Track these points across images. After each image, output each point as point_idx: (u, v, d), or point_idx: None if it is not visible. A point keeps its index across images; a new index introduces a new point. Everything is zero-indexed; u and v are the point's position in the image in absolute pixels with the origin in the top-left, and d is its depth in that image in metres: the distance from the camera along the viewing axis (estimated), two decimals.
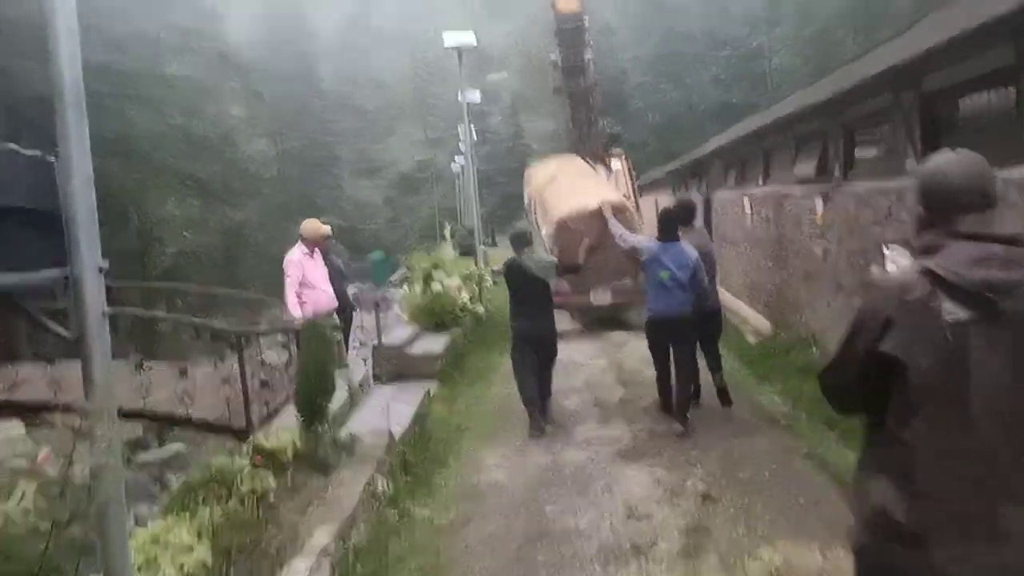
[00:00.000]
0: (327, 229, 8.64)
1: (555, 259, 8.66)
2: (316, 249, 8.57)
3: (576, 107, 17.75)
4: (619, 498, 5.64)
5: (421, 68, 77.13)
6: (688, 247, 7.43)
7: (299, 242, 8.49)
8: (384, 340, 10.29)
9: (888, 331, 2.08)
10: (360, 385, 7.44)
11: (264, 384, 8.06)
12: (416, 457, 6.42)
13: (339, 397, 5.59)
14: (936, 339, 2.02)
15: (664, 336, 7.53)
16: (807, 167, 10.67)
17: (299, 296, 8.27)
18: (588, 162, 16.11)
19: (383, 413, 6.33)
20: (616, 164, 18.23)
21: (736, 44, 56.96)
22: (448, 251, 14.32)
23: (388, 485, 5.28)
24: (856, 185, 8.59)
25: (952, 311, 2.01)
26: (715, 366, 8.21)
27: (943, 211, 2.13)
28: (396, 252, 56.97)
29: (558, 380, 10.12)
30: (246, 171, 43.40)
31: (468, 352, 12.22)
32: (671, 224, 7.58)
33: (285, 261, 8.35)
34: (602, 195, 12.80)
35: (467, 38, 16.00)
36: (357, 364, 9.09)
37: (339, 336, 8.48)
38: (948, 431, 2.04)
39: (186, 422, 8.22)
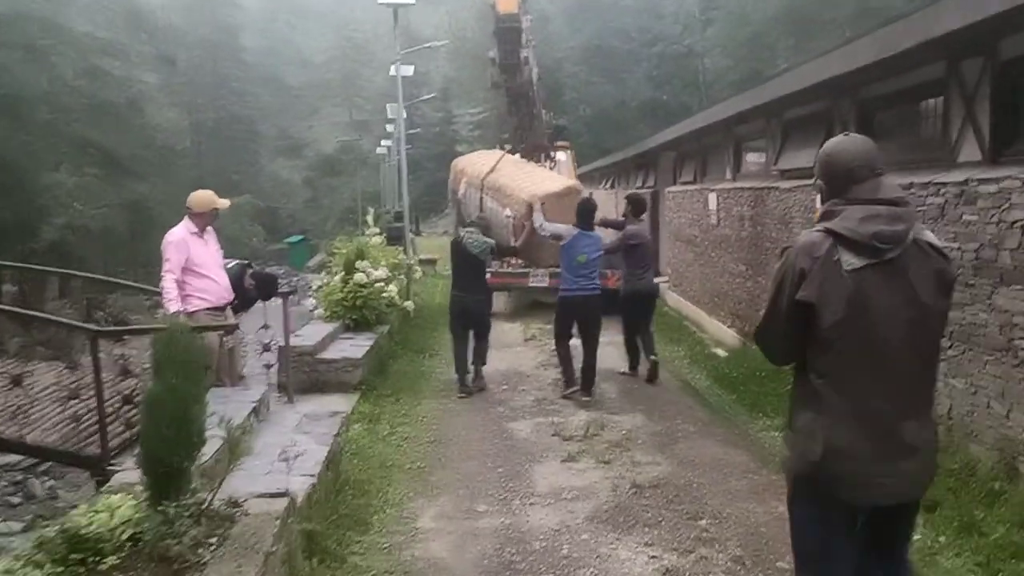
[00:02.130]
0: (224, 203, 6.68)
1: (492, 242, 9.18)
2: (208, 227, 6.64)
3: (515, 101, 17.78)
4: None
5: (350, 49, 74.31)
6: (601, 236, 8.78)
7: (185, 218, 6.55)
8: (293, 341, 8.40)
9: (803, 281, 2.51)
10: (255, 410, 5.56)
11: (128, 400, 6.13)
12: (327, 521, 4.60)
13: (212, 445, 3.75)
14: (839, 284, 2.47)
15: (575, 312, 8.45)
16: (801, 157, 9.19)
17: (182, 286, 6.34)
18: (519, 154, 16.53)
19: (283, 457, 4.50)
20: (562, 156, 18.20)
21: (669, 42, 56.48)
22: (374, 238, 12.41)
23: None
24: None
25: (850, 261, 2.47)
26: (649, 346, 9.28)
27: (840, 183, 2.60)
28: (315, 235, 54.48)
29: (505, 395, 8.61)
30: (155, 141, 40.25)
31: (394, 355, 10.41)
32: (589, 214, 8.63)
33: (164, 241, 6.40)
34: (562, 180, 13.47)
35: None
36: (257, 375, 7.21)
37: (231, 342, 6.55)
38: (855, 360, 2.49)
39: (18, 447, 6.20)
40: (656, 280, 15.22)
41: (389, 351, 10.31)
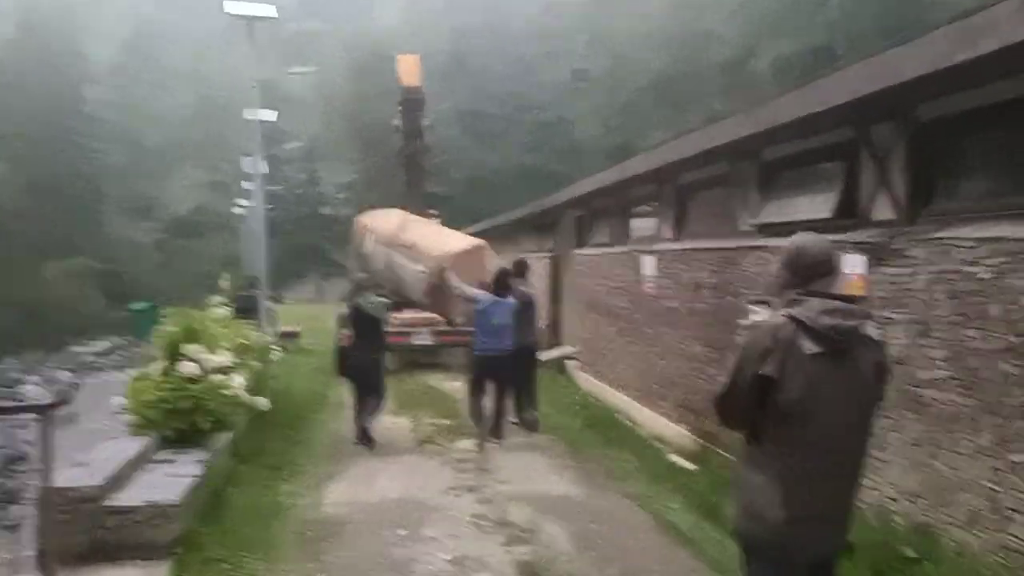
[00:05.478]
0: None
1: (387, 300, 9.99)
2: None
3: (410, 167, 19.28)
4: None
5: (211, 108, 70.00)
6: (512, 300, 9.29)
7: None
8: (71, 476, 5.32)
9: (766, 359, 2.76)
10: None
11: None
12: None
13: None
14: (799, 365, 2.74)
15: (490, 369, 9.17)
16: (801, 207, 6.94)
17: None
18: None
19: None
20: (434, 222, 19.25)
21: (542, 109, 56.11)
22: (217, 309, 9.33)
23: None
24: (948, 231, 4.83)
25: (809, 346, 2.74)
26: (531, 401, 10.04)
27: (804, 276, 2.88)
28: (167, 302, 49.25)
29: (405, 551, 5.65)
30: None
31: (238, 480, 7.26)
32: (506, 281, 9.34)
33: None
34: (469, 240, 14.05)
35: (260, 8, 11.29)
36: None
37: None
38: (808, 434, 2.77)
39: None
40: (560, 352, 15.58)
41: (230, 474, 7.22)
